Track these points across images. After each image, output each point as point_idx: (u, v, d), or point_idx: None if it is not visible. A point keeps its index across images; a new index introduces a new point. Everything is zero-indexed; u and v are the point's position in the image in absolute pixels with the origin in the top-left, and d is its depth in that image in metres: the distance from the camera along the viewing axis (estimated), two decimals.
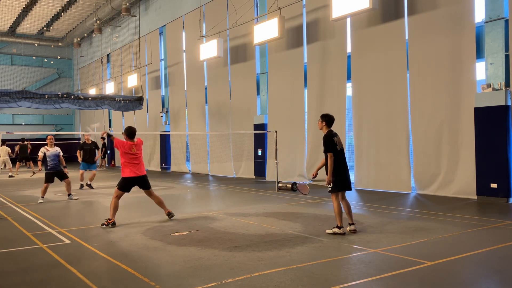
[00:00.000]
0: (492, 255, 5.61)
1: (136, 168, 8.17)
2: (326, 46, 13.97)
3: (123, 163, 8.21)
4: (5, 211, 9.76)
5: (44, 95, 19.64)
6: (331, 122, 7.13)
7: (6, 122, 32.62)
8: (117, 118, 28.89)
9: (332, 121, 7.16)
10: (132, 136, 8.30)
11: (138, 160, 8.25)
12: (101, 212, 9.66)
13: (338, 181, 6.88)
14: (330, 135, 6.97)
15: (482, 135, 10.10)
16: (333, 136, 6.99)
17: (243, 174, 17.68)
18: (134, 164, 8.17)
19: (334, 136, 7.01)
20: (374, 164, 12.59)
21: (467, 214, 8.51)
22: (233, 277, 4.77)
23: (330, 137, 6.94)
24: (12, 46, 32.08)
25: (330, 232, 6.91)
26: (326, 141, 6.94)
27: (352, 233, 6.92)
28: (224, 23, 17.71)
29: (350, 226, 6.98)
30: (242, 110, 17.61)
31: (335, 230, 6.87)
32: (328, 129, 7.12)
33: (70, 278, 4.89)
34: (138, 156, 8.27)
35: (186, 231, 7.26)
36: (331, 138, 6.93)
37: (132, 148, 8.19)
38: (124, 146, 8.15)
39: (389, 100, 12.20)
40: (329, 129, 7.12)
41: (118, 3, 22.70)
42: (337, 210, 6.90)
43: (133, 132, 8.34)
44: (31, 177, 19.17)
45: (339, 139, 7.06)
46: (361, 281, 4.60)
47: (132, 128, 8.41)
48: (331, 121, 7.14)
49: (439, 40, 11.01)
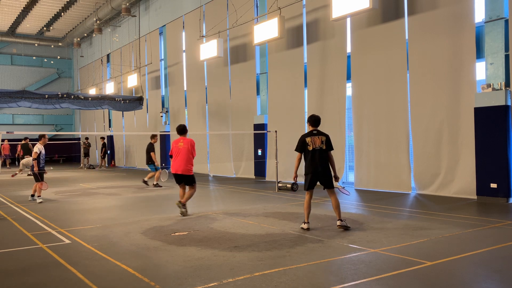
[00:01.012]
0: (492, 255, 5.61)
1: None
2: (326, 46, 13.97)
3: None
4: (5, 211, 9.76)
5: (44, 95, 19.65)
6: (311, 122, 7.51)
7: (6, 122, 32.61)
8: (117, 118, 28.89)
9: (313, 121, 7.50)
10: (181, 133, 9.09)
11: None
12: (101, 212, 9.66)
13: (309, 179, 7.26)
14: (302, 135, 7.48)
15: (482, 135, 10.10)
16: (306, 136, 7.38)
17: (243, 174, 17.68)
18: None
19: (308, 136, 7.37)
20: (374, 164, 12.59)
21: (467, 214, 8.51)
22: (233, 277, 4.77)
23: (302, 137, 7.44)
24: (12, 46, 32.07)
25: (301, 227, 7.35)
26: (298, 141, 7.48)
27: (340, 229, 7.13)
28: (224, 23, 17.71)
29: (338, 222, 7.18)
30: (242, 110, 17.61)
31: (303, 225, 7.34)
32: (311, 128, 7.49)
33: (70, 278, 4.90)
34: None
35: (186, 231, 7.26)
36: (302, 138, 7.40)
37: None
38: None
39: (389, 100, 12.20)
40: (312, 128, 7.48)
41: (118, 3, 22.70)
42: (306, 205, 7.34)
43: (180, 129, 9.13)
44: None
45: (314, 139, 7.31)
46: (361, 281, 4.60)
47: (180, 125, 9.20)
48: (311, 121, 7.51)
49: (439, 40, 11.01)
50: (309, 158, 7.28)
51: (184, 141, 8.91)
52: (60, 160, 33.20)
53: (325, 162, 7.29)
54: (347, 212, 9.00)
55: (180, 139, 8.98)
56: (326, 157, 7.32)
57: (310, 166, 7.27)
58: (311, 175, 7.23)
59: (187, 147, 8.86)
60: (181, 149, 8.86)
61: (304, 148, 7.32)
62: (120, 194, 12.82)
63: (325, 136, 7.41)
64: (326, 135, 7.44)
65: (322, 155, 7.26)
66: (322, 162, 7.25)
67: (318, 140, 7.30)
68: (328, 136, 7.48)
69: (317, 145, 7.27)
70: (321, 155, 7.25)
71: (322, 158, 7.25)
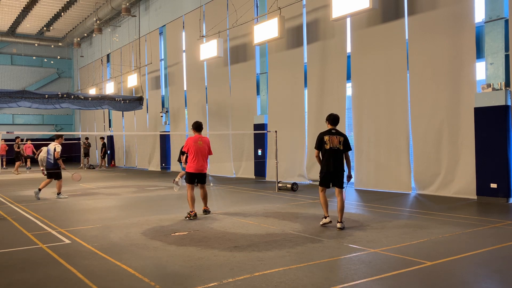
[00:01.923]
0: (492, 255, 5.61)
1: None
2: (326, 46, 13.97)
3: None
4: (5, 211, 9.76)
5: (44, 95, 19.64)
6: (330, 120, 7.54)
7: (6, 122, 32.61)
8: (117, 118, 28.89)
9: (332, 119, 7.53)
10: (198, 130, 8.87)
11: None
12: (101, 212, 9.66)
13: (321, 177, 7.52)
14: (320, 133, 7.54)
15: (482, 135, 10.10)
16: (325, 134, 7.44)
17: (243, 174, 17.68)
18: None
19: (326, 134, 7.43)
20: (374, 164, 12.59)
21: (467, 214, 8.51)
22: (233, 277, 4.77)
23: (320, 134, 7.51)
24: (12, 46, 32.06)
25: (321, 223, 7.53)
26: (316, 138, 7.58)
27: (338, 229, 7.23)
28: (224, 23, 17.71)
29: (338, 224, 7.31)
30: (242, 110, 17.60)
31: (322, 220, 7.54)
32: (330, 126, 7.54)
33: (70, 278, 4.89)
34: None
35: (186, 231, 7.26)
36: (321, 135, 7.48)
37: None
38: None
39: (389, 100, 12.20)
40: (331, 127, 7.53)
41: (118, 3, 22.69)
42: (322, 201, 7.61)
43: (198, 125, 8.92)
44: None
45: (332, 138, 7.37)
46: (361, 281, 4.60)
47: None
48: (330, 119, 7.54)
49: (439, 40, 11.01)
50: (325, 157, 7.37)
51: (203, 140, 8.74)
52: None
53: (340, 162, 7.38)
54: (347, 212, 9.00)
55: (198, 137, 8.73)
56: (342, 158, 7.40)
57: (324, 165, 7.41)
58: (324, 173, 7.44)
59: (207, 146, 8.77)
60: (201, 148, 8.64)
61: (322, 146, 7.39)
62: (120, 194, 12.82)
63: (343, 137, 7.43)
64: (344, 136, 7.47)
65: (338, 156, 7.34)
66: (336, 162, 7.33)
67: (336, 140, 7.36)
68: (346, 136, 7.50)
69: (334, 145, 7.33)
70: (336, 156, 7.33)
71: (337, 158, 7.34)
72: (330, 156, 7.32)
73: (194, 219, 8.30)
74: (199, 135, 8.78)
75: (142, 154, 25.62)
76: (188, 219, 8.33)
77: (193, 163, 8.60)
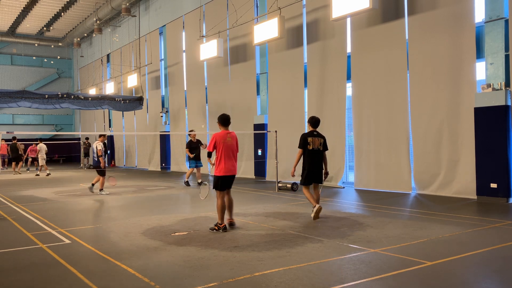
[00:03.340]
0: (492, 255, 5.61)
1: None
2: (326, 46, 13.97)
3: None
4: (5, 211, 9.76)
5: (44, 95, 19.65)
6: (312, 123, 8.31)
7: (6, 122, 32.61)
8: (117, 118, 28.90)
9: (314, 122, 8.32)
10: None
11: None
12: (101, 212, 9.66)
13: (305, 176, 8.15)
14: (303, 134, 8.24)
15: (482, 135, 10.10)
16: (308, 135, 8.16)
17: (243, 174, 17.67)
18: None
19: (309, 136, 8.16)
20: (374, 164, 12.59)
21: (467, 214, 8.51)
22: (233, 277, 4.77)
23: (304, 135, 8.21)
24: (12, 46, 32.06)
25: (312, 215, 7.98)
26: (300, 138, 8.23)
27: (316, 216, 7.92)
28: (224, 23, 17.71)
29: (316, 206, 7.94)
30: (242, 110, 17.60)
31: (312, 210, 7.98)
32: (312, 129, 8.31)
33: (70, 278, 4.89)
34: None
35: (186, 231, 7.26)
36: (305, 136, 8.18)
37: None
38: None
39: (389, 100, 12.20)
40: (312, 129, 8.30)
41: (118, 3, 22.69)
42: (308, 195, 8.13)
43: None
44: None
45: (314, 140, 8.14)
46: (361, 281, 4.60)
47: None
48: (312, 122, 8.32)
49: (439, 40, 11.01)
50: (308, 157, 8.12)
51: (231, 136, 7.40)
52: (60, 160, 33.19)
53: (320, 162, 8.22)
54: (347, 212, 9.01)
55: (226, 133, 7.36)
56: (321, 157, 8.25)
57: (307, 164, 8.15)
58: (307, 172, 8.17)
59: (235, 143, 7.47)
60: (230, 145, 7.31)
61: (305, 145, 8.11)
62: (120, 194, 12.81)
63: (323, 138, 8.30)
64: (323, 137, 8.34)
65: (319, 156, 8.18)
66: (317, 162, 8.18)
67: (317, 142, 8.17)
68: (325, 138, 8.39)
69: (316, 146, 8.14)
70: (317, 156, 8.16)
71: (318, 158, 8.18)
72: (313, 156, 8.11)
73: (224, 232, 7.08)
74: (227, 131, 7.42)
75: (142, 154, 25.61)
76: (214, 231, 7.11)
77: (223, 164, 7.23)
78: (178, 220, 8.35)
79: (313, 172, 8.14)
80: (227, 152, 7.27)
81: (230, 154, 7.31)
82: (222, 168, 7.23)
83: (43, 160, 20.92)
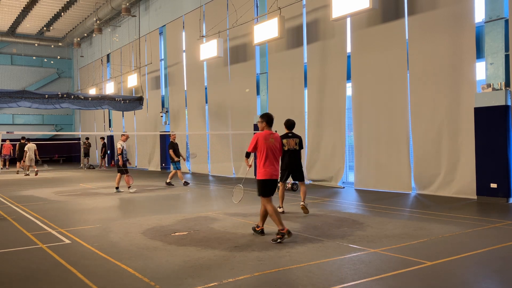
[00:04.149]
0: (492, 255, 5.61)
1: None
2: (326, 46, 13.97)
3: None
4: (5, 211, 9.76)
5: (44, 95, 19.65)
6: (288, 126, 8.83)
7: (6, 122, 32.61)
8: (117, 118, 28.89)
9: (289, 125, 8.81)
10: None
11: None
12: (101, 212, 9.66)
13: (281, 173, 8.58)
14: (279, 136, 8.12)
15: (482, 135, 10.10)
16: (283, 138, 8.49)
17: (243, 174, 17.66)
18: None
19: (284, 138, 8.64)
20: (374, 164, 12.59)
21: (467, 214, 8.51)
22: (233, 277, 4.77)
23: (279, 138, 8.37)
24: (12, 46, 32.06)
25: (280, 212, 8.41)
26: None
27: (302, 211, 8.56)
28: (224, 23, 17.70)
29: (301, 203, 8.56)
30: (242, 110, 17.60)
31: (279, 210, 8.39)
32: (287, 131, 8.87)
33: (70, 278, 4.89)
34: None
35: (186, 231, 7.26)
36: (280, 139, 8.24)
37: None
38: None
39: (389, 100, 12.20)
40: (287, 131, 8.86)
41: (118, 3, 22.69)
42: (280, 194, 8.79)
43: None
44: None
45: (289, 141, 8.71)
46: (361, 281, 4.60)
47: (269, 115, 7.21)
48: (288, 125, 8.83)
49: (439, 40, 11.01)
50: (285, 157, 8.70)
51: (275, 137, 6.99)
52: (60, 160, 33.19)
53: (298, 160, 8.81)
54: (347, 212, 9.01)
55: (270, 134, 6.95)
56: (299, 156, 8.83)
57: (285, 164, 8.74)
58: (287, 171, 8.79)
59: (279, 145, 7.04)
60: (272, 147, 6.89)
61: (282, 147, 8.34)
62: (120, 194, 12.81)
63: (298, 138, 8.85)
64: (299, 137, 8.87)
65: (296, 155, 8.79)
66: (295, 160, 8.78)
67: (292, 142, 8.79)
68: (300, 137, 8.91)
69: (291, 146, 8.76)
70: (294, 155, 8.77)
71: (295, 157, 8.78)
72: (289, 156, 8.73)
73: (288, 237, 6.34)
74: (270, 131, 7.01)
75: (142, 154, 25.61)
76: (278, 242, 6.28)
77: (266, 168, 6.82)
78: (178, 220, 8.35)
79: (293, 170, 8.78)
80: (270, 154, 6.84)
81: (273, 157, 6.86)
82: (265, 171, 6.81)
83: (30, 160, 20.65)
